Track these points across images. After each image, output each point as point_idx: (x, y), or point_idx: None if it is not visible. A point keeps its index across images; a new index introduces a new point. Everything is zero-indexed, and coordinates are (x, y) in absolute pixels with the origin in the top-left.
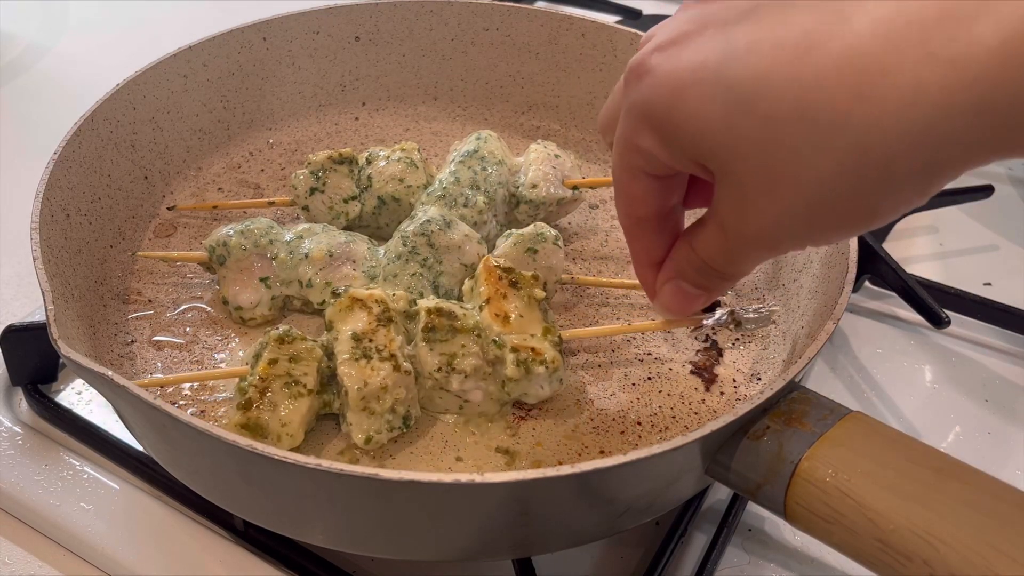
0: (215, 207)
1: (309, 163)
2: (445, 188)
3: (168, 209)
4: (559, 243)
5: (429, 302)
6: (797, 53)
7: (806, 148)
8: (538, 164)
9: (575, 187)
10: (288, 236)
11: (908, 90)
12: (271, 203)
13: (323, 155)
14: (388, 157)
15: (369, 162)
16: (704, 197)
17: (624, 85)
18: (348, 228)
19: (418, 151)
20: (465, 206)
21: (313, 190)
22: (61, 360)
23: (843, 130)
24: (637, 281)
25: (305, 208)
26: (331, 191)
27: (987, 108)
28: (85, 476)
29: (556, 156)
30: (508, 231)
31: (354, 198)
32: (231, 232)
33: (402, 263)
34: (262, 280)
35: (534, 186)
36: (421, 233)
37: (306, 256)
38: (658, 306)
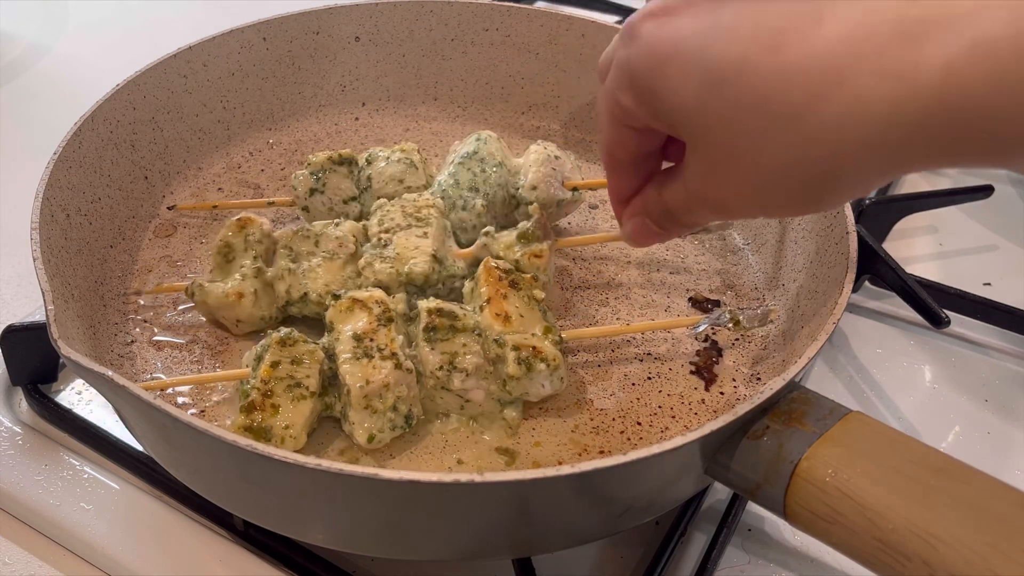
0: (215, 207)
1: (309, 164)
2: (444, 190)
3: (168, 209)
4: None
5: (429, 302)
6: (771, 46)
7: (765, 136)
8: (538, 166)
9: (575, 188)
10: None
11: (858, 99)
12: (271, 203)
13: (323, 156)
14: (388, 158)
15: (369, 163)
16: (679, 154)
17: (618, 41)
18: None
19: (418, 152)
20: (463, 209)
21: (313, 191)
22: (61, 360)
23: (798, 126)
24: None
25: (305, 209)
26: (331, 192)
27: (929, 122)
28: (85, 476)
29: (556, 157)
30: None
31: (354, 199)
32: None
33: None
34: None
35: (534, 188)
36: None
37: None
38: (624, 235)
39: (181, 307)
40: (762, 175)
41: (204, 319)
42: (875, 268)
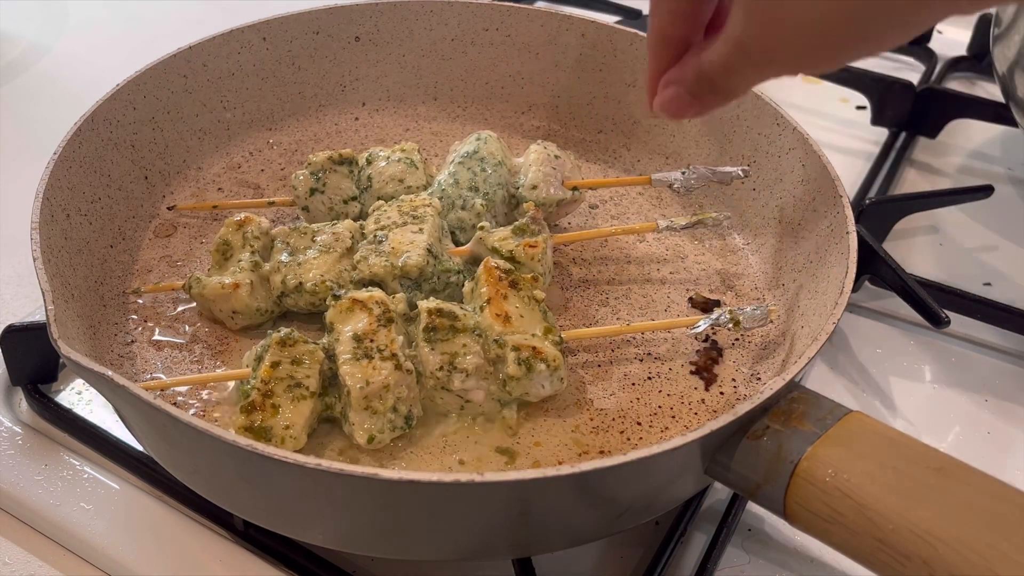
0: (215, 207)
1: (309, 164)
2: (444, 190)
3: (168, 209)
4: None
5: (430, 303)
6: None
7: None
8: (538, 165)
9: (575, 188)
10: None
11: None
12: (271, 203)
13: (323, 156)
14: (388, 158)
15: (369, 162)
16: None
17: None
18: None
19: (418, 152)
20: (463, 208)
21: (313, 191)
22: (61, 360)
23: None
24: (638, 178)
25: (305, 208)
26: (331, 192)
27: None
28: (85, 476)
29: (556, 157)
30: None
31: (354, 199)
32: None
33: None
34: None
35: (534, 187)
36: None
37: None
38: (656, 106)
39: (181, 307)
40: (809, 15)
41: (204, 318)
42: (875, 268)
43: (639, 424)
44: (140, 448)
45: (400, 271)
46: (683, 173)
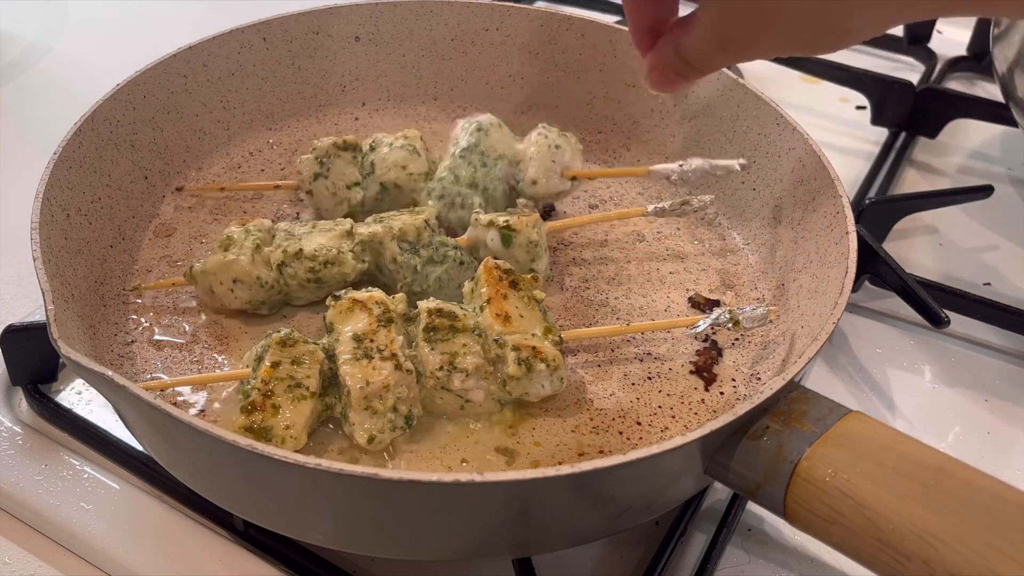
0: (223, 189)
1: (314, 149)
2: (444, 188)
3: (177, 190)
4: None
5: (430, 303)
6: None
7: None
8: (539, 159)
9: (574, 178)
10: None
11: None
12: (277, 186)
13: (328, 141)
14: (391, 144)
15: (372, 149)
16: None
17: None
18: (350, 215)
19: (421, 139)
20: (462, 207)
21: (317, 175)
22: (61, 360)
23: None
24: (636, 169)
25: (309, 193)
26: (335, 177)
27: None
28: (85, 476)
29: (557, 147)
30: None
31: (357, 184)
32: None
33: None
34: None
35: (534, 182)
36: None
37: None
38: (647, 83)
39: (182, 307)
40: (778, 10)
41: (204, 317)
42: (875, 268)
43: (639, 424)
44: (140, 448)
45: (399, 232)
46: (680, 165)
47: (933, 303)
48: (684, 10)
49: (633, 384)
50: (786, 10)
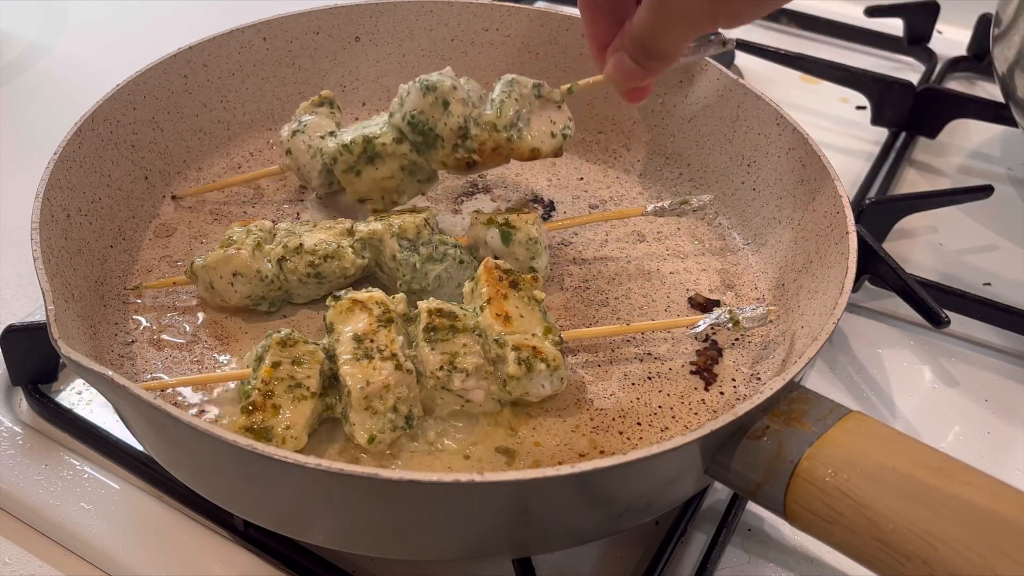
0: (220, 188)
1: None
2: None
3: (173, 198)
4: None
5: (430, 303)
6: None
7: None
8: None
9: (570, 89)
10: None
11: None
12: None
13: (306, 103)
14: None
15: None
16: None
17: None
18: (325, 169)
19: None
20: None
21: (295, 132)
22: (61, 360)
23: None
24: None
25: (288, 152)
26: (310, 130)
27: None
28: (85, 476)
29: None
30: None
31: (332, 133)
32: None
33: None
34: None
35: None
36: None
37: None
38: (606, 77)
39: (182, 307)
40: None
41: (205, 317)
42: (875, 268)
43: (639, 424)
44: (140, 448)
45: (399, 229)
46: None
47: (933, 303)
48: None
49: (633, 384)
50: None
